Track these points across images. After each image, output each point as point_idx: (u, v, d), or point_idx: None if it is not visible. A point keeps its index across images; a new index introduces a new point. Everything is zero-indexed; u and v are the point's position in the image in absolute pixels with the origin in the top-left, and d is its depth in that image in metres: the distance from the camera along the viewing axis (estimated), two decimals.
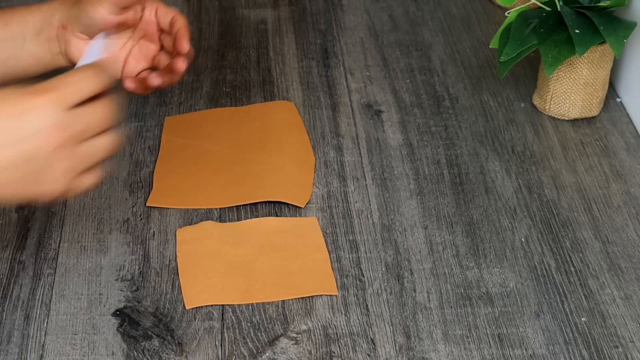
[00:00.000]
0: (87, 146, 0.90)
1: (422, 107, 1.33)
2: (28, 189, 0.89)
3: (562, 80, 1.28)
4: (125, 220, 1.14)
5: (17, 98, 0.88)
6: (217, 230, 1.12)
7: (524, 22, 1.24)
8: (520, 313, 1.04)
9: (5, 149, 0.87)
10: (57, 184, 0.89)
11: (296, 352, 1.00)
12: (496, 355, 1.00)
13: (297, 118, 1.29)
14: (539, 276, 1.09)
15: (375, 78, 1.38)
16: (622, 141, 1.28)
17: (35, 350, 0.99)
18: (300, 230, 1.13)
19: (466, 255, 1.11)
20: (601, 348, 1.01)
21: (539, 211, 1.17)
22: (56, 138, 0.88)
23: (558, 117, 1.31)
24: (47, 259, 1.09)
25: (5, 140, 0.87)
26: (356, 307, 1.05)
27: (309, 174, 1.21)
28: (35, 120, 0.87)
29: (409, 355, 1.00)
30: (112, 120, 0.91)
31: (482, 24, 1.50)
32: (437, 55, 1.43)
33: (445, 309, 1.05)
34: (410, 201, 1.18)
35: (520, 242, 1.13)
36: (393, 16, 1.51)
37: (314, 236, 1.12)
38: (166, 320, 1.03)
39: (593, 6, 1.25)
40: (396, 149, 1.26)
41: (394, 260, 1.10)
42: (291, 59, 1.42)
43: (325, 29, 1.48)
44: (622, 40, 1.20)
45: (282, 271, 1.08)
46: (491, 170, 1.23)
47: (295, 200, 1.16)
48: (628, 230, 1.15)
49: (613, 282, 1.08)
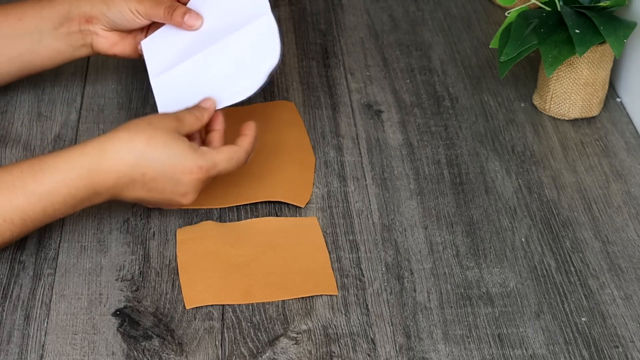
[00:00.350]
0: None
1: (422, 107, 1.33)
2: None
3: (562, 80, 1.28)
4: (125, 220, 1.14)
5: (177, 167, 1.05)
6: (217, 230, 1.12)
7: (524, 22, 1.24)
8: (520, 313, 1.04)
9: (156, 193, 1.06)
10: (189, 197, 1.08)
11: (296, 352, 1.00)
12: (496, 355, 1.00)
13: (297, 118, 1.29)
14: (539, 276, 1.09)
15: (375, 78, 1.38)
16: (622, 141, 1.28)
17: (36, 350, 0.99)
18: (300, 230, 1.13)
19: (466, 255, 1.11)
20: (601, 348, 1.01)
21: (539, 211, 1.17)
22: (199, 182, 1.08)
23: (558, 117, 1.31)
24: (47, 258, 1.09)
25: (160, 192, 1.06)
26: (356, 307, 1.05)
27: (309, 173, 1.21)
28: (183, 185, 1.06)
29: (409, 355, 1.00)
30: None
31: (482, 24, 1.50)
32: (437, 55, 1.43)
33: (445, 309, 1.05)
34: (411, 201, 1.18)
35: (520, 242, 1.13)
36: (393, 16, 1.51)
37: (314, 236, 1.12)
38: (166, 320, 1.03)
39: (593, 6, 1.25)
40: (396, 149, 1.26)
41: (394, 260, 1.10)
42: (291, 58, 1.42)
43: (326, 29, 1.48)
44: (622, 40, 1.20)
45: (282, 271, 1.08)
46: (491, 170, 1.23)
47: (295, 200, 1.16)
48: (628, 230, 1.15)
49: (613, 282, 1.08)
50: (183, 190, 1.06)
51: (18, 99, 1.31)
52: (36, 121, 1.28)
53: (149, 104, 1.32)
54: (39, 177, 1.02)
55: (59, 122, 1.28)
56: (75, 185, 1.03)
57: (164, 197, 1.07)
